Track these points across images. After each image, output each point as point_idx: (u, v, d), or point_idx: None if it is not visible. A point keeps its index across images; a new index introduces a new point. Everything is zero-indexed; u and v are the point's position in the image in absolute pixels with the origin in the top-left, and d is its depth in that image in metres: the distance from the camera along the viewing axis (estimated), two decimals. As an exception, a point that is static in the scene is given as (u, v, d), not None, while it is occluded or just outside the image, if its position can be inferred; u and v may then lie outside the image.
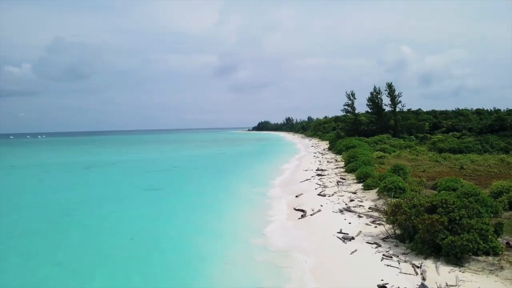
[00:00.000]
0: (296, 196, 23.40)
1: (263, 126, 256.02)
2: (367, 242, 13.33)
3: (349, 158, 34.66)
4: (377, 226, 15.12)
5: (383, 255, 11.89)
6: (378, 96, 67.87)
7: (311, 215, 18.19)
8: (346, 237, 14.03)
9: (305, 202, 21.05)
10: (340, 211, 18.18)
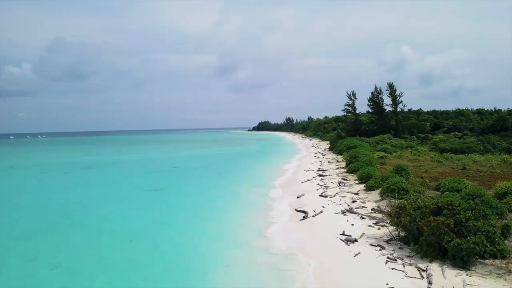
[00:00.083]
0: (298, 197, 23.17)
1: (263, 126, 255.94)
2: (371, 245, 13.11)
3: (351, 159, 34.43)
4: (381, 228, 14.91)
5: (388, 258, 11.67)
6: (379, 96, 67.78)
7: (313, 217, 17.95)
8: (349, 239, 13.80)
9: (307, 203, 20.83)
10: (343, 213, 17.95)
